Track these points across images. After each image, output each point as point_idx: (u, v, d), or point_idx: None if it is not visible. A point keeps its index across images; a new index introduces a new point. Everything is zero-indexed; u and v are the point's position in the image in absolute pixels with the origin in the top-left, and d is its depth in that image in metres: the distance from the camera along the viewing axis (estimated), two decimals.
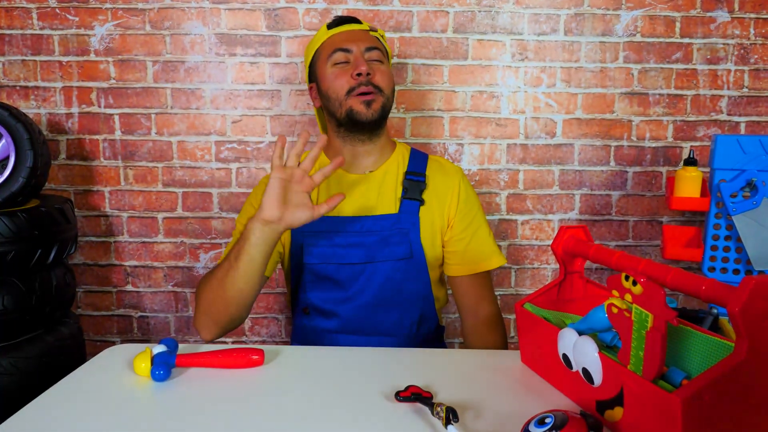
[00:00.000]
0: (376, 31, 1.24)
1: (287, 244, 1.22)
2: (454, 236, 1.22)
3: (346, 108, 1.16)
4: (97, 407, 0.75)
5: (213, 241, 1.82)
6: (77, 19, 1.73)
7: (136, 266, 1.84)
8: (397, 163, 1.25)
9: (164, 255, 1.83)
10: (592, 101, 1.77)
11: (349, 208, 1.20)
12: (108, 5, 1.73)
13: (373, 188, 1.22)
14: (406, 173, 1.22)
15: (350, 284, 1.18)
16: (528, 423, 0.61)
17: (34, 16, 1.74)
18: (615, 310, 0.66)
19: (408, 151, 1.28)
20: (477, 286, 1.24)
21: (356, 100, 1.15)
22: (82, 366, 0.89)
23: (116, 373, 0.85)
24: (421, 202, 1.20)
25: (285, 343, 1.86)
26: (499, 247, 1.30)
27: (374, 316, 1.19)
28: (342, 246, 1.18)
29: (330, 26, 1.23)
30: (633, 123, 1.78)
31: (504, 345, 1.24)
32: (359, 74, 1.15)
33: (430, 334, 1.26)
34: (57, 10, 1.73)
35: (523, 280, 1.86)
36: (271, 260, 1.24)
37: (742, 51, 1.74)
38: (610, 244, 1.83)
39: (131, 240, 1.83)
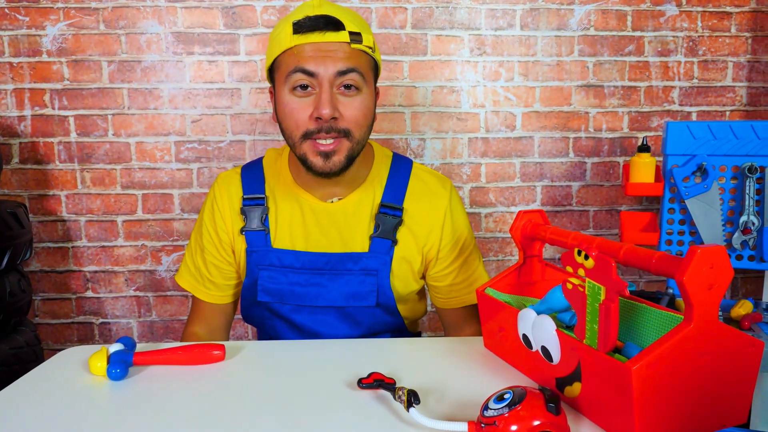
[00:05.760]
0: (360, 41, 0.91)
1: (241, 276, 1.07)
2: (439, 271, 1.07)
3: (300, 152, 0.94)
4: (51, 408, 0.73)
5: (175, 243, 1.79)
6: (27, 19, 1.69)
7: (95, 271, 1.80)
8: (373, 188, 1.03)
9: (125, 259, 1.79)
10: (549, 94, 1.80)
11: (315, 241, 1.02)
12: (60, 5, 1.68)
13: (343, 220, 1.02)
14: (381, 205, 1.01)
15: (310, 328, 1.05)
16: (488, 400, 0.62)
17: None
18: (570, 286, 0.67)
19: (387, 169, 1.05)
20: (462, 314, 1.12)
21: (312, 148, 0.92)
22: (36, 368, 0.86)
23: (72, 373, 0.83)
24: (394, 242, 1.01)
25: None
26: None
27: None
28: (301, 285, 1.01)
29: (297, 29, 0.90)
30: (590, 115, 1.82)
31: None
32: (320, 117, 0.89)
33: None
34: (6, 10, 1.68)
35: (488, 272, 1.88)
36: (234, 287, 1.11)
37: (690, 43, 1.80)
38: None
39: (90, 245, 1.78)
